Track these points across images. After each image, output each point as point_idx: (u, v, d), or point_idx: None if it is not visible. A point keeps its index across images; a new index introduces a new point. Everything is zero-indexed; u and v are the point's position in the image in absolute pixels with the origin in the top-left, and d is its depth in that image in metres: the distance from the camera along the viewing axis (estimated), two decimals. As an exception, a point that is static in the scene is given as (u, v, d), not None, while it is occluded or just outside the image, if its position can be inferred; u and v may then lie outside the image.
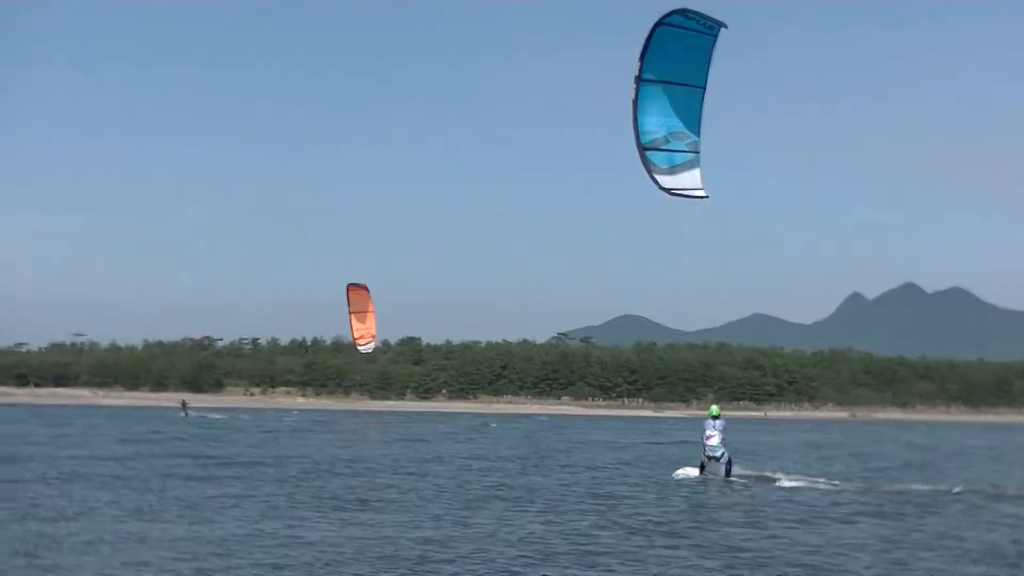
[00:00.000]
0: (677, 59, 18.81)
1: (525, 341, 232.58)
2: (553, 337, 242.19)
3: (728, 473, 34.49)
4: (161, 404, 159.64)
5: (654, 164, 18.85)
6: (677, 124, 18.93)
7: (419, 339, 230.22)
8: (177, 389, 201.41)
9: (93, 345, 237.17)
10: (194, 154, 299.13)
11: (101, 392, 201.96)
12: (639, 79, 18.56)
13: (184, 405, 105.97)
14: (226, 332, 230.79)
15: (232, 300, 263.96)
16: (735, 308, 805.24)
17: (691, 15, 18.73)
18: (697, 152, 19.17)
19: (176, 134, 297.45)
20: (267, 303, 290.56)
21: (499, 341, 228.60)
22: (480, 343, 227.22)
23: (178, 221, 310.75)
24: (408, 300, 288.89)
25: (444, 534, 20.54)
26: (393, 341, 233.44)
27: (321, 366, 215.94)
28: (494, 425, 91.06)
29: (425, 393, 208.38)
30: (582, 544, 19.54)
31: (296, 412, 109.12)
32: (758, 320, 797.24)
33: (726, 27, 19.05)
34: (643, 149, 18.74)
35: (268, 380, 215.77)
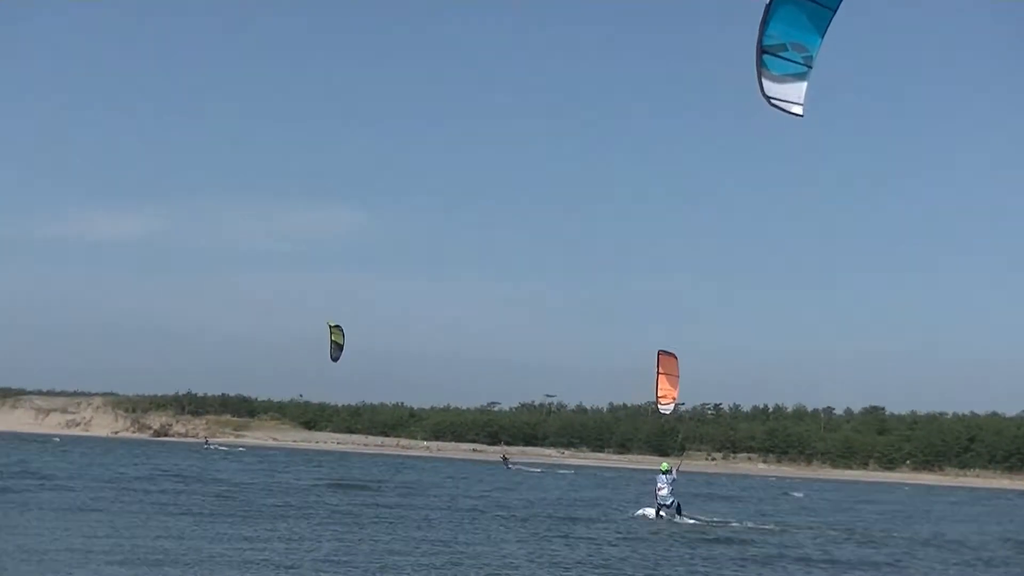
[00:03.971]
0: None
1: (994, 413, 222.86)
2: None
3: (679, 513, 40.56)
4: (625, 466, 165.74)
5: (766, 68, 19.15)
6: (800, 36, 19.44)
7: (883, 408, 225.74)
8: (641, 452, 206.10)
9: (561, 406, 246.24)
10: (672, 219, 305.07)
11: (567, 452, 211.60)
12: None
13: (505, 459, 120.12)
14: (690, 397, 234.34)
15: (696, 364, 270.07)
16: None
17: None
18: (810, 67, 19.78)
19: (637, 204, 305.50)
20: (727, 370, 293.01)
21: (966, 413, 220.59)
22: (947, 414, 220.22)
23: (638, 285, 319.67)
24: (873, 369, 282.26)
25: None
26: (856, 410, 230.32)
27: (783, 433, 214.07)
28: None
29: (888, 464, 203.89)
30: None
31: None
32: None
33: None
34: (761, 51, 19.41)
35: (729, 445, 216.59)
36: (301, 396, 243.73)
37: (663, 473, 40.84)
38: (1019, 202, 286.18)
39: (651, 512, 41.60)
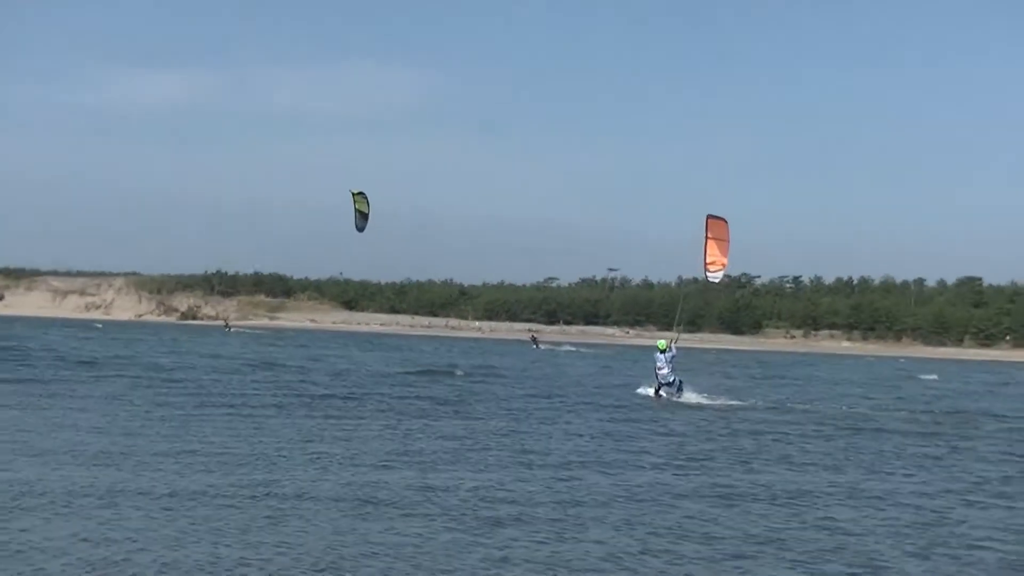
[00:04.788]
0: None
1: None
2: None
3: (680, 393, 41.95)
4: (696, 345, 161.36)
5: None
6: None
7: (979, 279, 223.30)
8: (713, 330, 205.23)
9: (625, 281, 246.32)
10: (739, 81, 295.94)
11: (632, 331, 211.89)
12: None
13: (534, 339, 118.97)
14: (765, 269, 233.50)
15: (773, 234, 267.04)
16: None
17: None
18: None
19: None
20: (809, 237, 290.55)
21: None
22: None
23: (711, 153, 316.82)
24: (967, 235, 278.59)
25: None
26: (949, 281, 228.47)
27: (868, 307, 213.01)
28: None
29: (986, 339, 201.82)
30: None
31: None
32: None
33: None
34: None
35: (810, 322, 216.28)
36: (341, 274, 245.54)
37: (660, 352, 41.53)
38: None
39: (650, 391, 42.95)
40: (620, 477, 20.93)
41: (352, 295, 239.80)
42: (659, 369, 41.78)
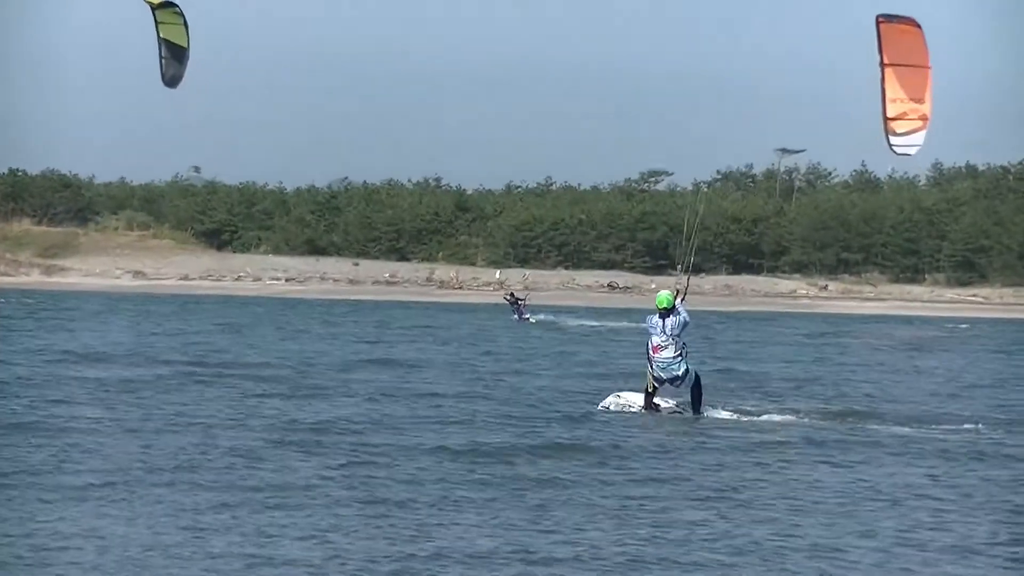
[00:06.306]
0: None
1: None
2: None
3: (698, 403, 30.50)
4: (986, 315, 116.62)
5: None
6: None
7: None
8: (1012, 279, 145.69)
9: (818, 175, 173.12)
10: None
11: (831, 287, 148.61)
12: None
13: (515, 302, 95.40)
14: None
15: None
16: None
17: None
18: None
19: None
20: None
21: None
22: None
23: None
24: None
25: None
26: None
27: None
28: None
29: None
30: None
31: None
32: None
33: None
34: None
35: None
36: (198, 172, 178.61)
37: (660, 316, 29.62)
38: None
39: (632, 397, 31.27)
40: None
41: (222, 218, 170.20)
42: (657, 350, 29.62)
